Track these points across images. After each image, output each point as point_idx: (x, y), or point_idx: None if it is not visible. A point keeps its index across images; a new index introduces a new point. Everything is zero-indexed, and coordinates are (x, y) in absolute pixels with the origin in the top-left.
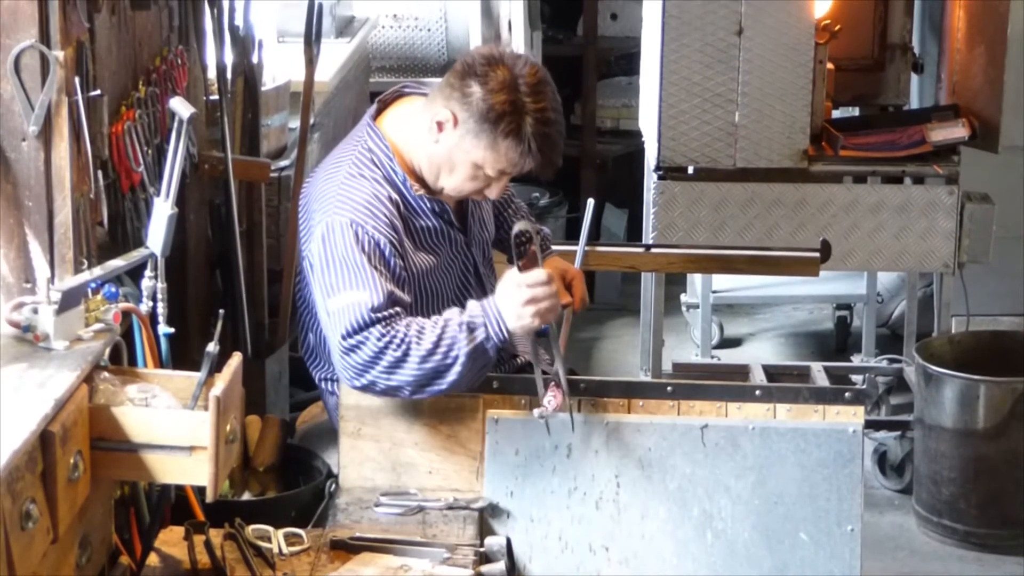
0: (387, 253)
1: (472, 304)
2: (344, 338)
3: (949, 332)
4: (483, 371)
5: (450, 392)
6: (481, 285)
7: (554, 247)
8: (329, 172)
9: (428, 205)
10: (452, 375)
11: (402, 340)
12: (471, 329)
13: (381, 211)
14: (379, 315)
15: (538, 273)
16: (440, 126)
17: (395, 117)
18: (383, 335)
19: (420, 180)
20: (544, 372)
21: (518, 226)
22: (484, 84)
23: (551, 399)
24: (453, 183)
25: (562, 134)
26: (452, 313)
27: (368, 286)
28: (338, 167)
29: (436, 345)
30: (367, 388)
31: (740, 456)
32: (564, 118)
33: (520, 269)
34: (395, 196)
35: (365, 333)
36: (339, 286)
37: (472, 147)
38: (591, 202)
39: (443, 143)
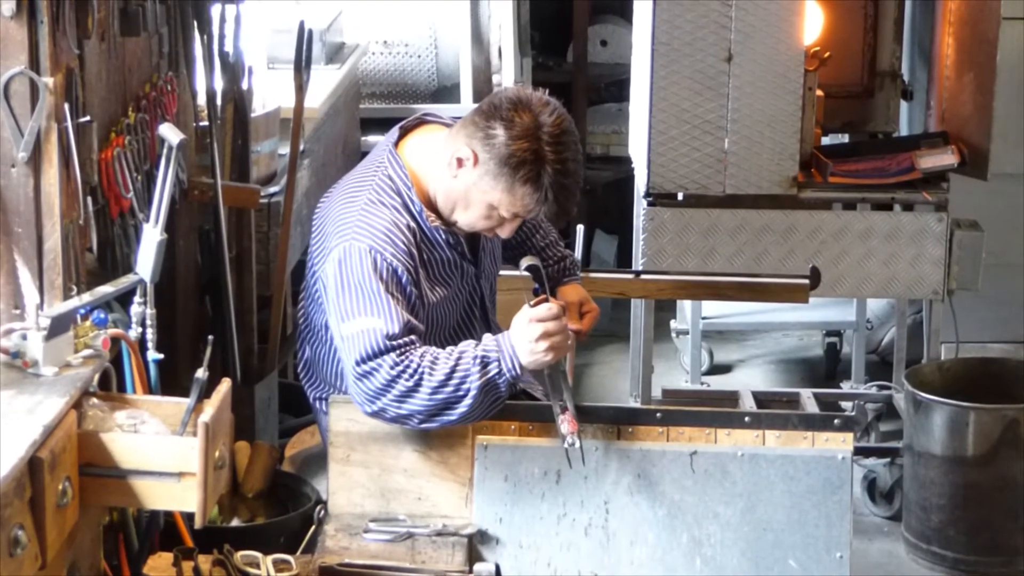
0: (404, 281)
1: (488, 338)
2: (358, 364)
3: (939, 359)
4: (495, 405)
5: (461, 424)
6: (485, 318)
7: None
8: (349, 196)
9: (443, 236)
10: (463, 407)
11: (416, 370)
12: (484, 363)
13: (400, 239)
14: (394, 343)
15: (548, 307)
16: (460, 162)
17: (415, 145)
18: (396, 363)
19: (435, 210)
20: (535, 398)
21: (526, 261)
22: (508, 128)
23: (567, 427)
24: (467, 219)
25: (580, 184)
26: (467, 345)
27: (384, 313)
28: (359, 192)
29: (449, 377)
30: (378, 414)
31: (729, 483)
32: (583, 168)
33: (532, 305)
34: (412, 225)
35: (379, 360)
36: (355, 311)
37: (490, 188)
38: (581, 228)
39: (461, 179)
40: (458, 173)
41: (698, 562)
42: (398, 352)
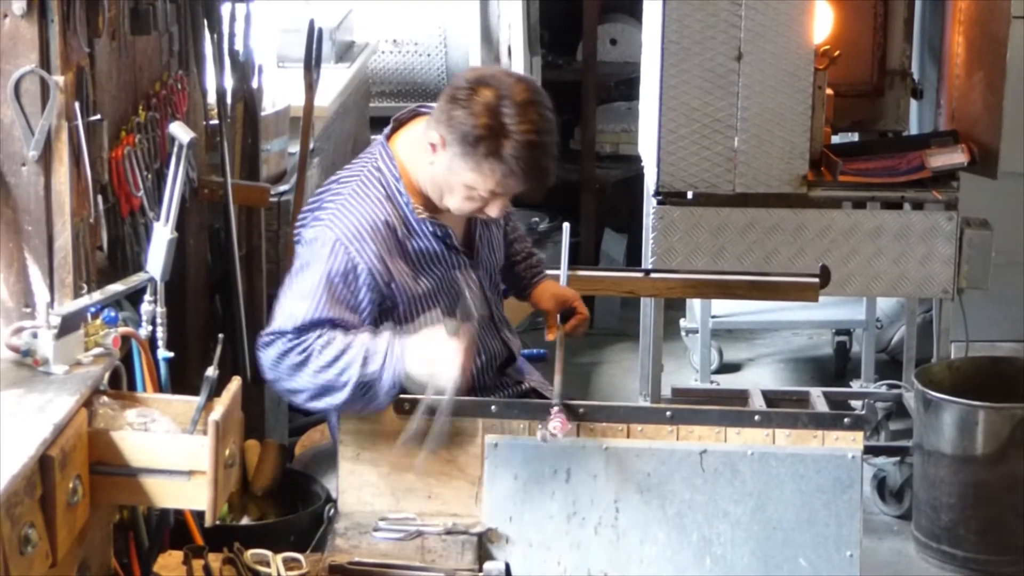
0: (361, 280)
1: (381, 338)
2: (266, 333)
3: (948, 358)
4: (380, 399)
5: (350, 411)
6: (487, 308)
7: (549, 271)
8: (340, 185)
9: (430, 228)
10: (341, 397)
11: (306, 348)
12: (366, 358)
13: (372, 237)
14: (301, 329)
15: (465, 335)
16: (433, 148)
17: (407, 138)
18: (292, 339)
19: (427, 200)
20: (545, 397)
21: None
22: (467, 107)
23: (556, 424)
24: (454, 203)
25: (550, 155)
26: (363, 336)
27: (312, 303)
28: (348, 183)
29: (334, 361)
30: (274, 383)
31: (739, 481)
32: (558, 138)
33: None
34: (394, 219)
35: (281, 334)
36: (296, 291)
37: (461, 169)
38: (567, 226)
39: (437, 164)
40: (433, 159)
41: (708, 561)
42: (300, 332)
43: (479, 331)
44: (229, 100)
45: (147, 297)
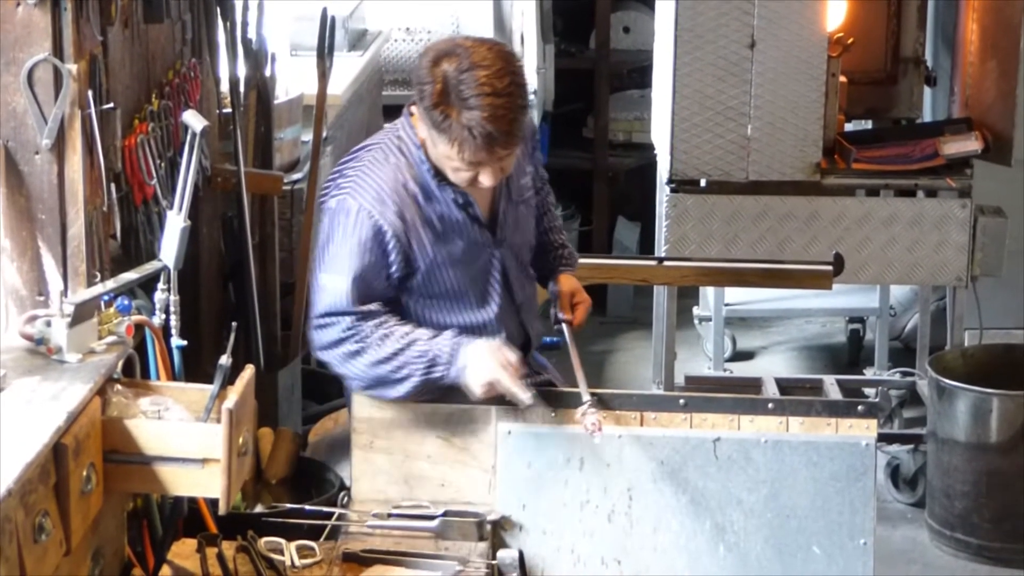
0: (389, 244)
1: (443, 343)
2: (320, 315)
3: (962, 345)
4: (435, 393)
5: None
6: (509, 290)
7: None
8: (362, 153)
9: (450, 195)
10: (398, 392)
11: (364, 338)
12: (431, 364)
13: (393, 199)
14: (354, 308)
15: (515, 361)
16: (421, 122)
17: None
18: (350, 327)
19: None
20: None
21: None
22: (427, 80)
23: (594, 421)
24: (451, 175)
25: (507, 118)
26: (420, 334)
27: (352, 276)
28: (369, 151)
29: (390, 358)
30: (327, 363)
31: (753, 469)
32: (523, 100)
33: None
34: (415, 185)
35: (337, 319)
36: (331, 265)
37: (436, 140)
38: (567, 328)
39: (428, 139)
40: (423, 135)
41: (721, 549)
42: (356, 317)
43: (501, 310)
44: (242, 88)
45: (160, 285)
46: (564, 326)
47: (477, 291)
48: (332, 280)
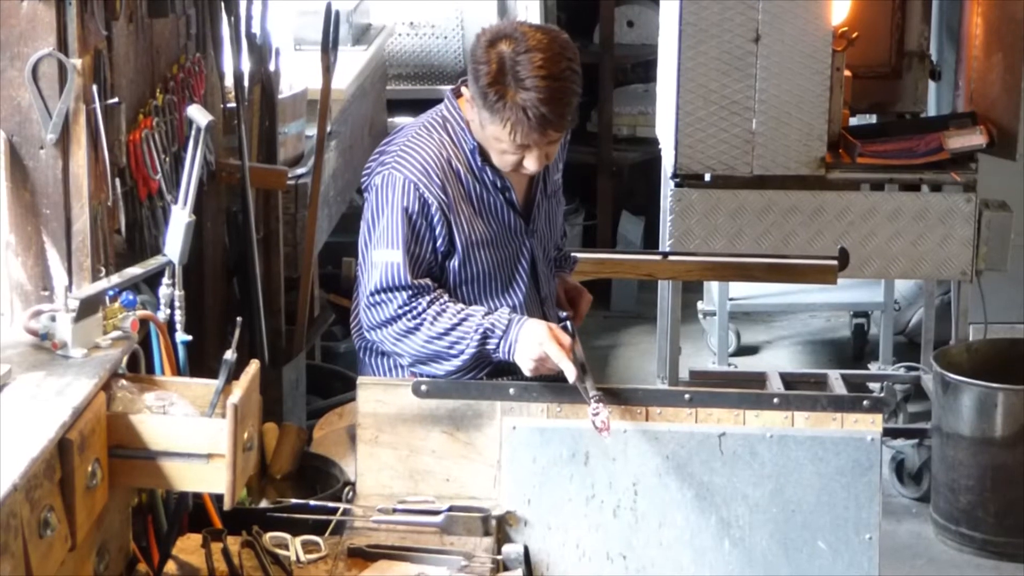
0: (435, 217)
1: (501, 316)
2: (373, 293)
3: (967, 340)
4: (483, 368)
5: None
6: (535, 280)
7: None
8: (404, 130)
9: (491, 177)
10: (452, 365)
11: (420, 314)
12: (486, 336)
13: (437, 173)
14: (410, 282)
15: (567, 341)
16: (471, 104)
17: (466, 96)
18: (406, 303)
19: (486, 155)
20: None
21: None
22: (483, 60)
23: (605, 417)
24: (495, 158)
25: (563, 101)
26: (476, 311)
27: (405, 250)
28: (412, 127)
29: (447, 332)
30: (379, 341)
31: (758, 464)
32: (578, 87)
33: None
34: (457, 161)
35: (392, 295)
36: (381, 240)
37: (486, 121)
38: (571, 325)
39: (475, 120)
40: (473, 116)
41: (727, 543)
42: (411, 292)
43: (526, 300)
44: (246, 83)
45: (165, 280)
46: (568, 323)
47: (506, 277)
48: (384, 255)
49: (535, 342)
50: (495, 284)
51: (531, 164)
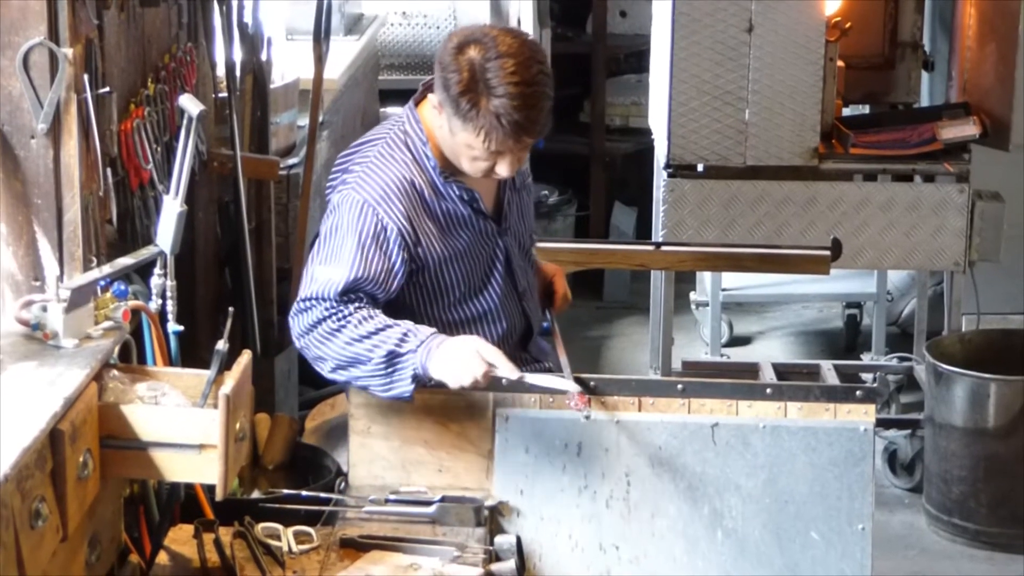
0: (392, 239)
1: (425, 328)
2: (302, 300)
3: (959, 330)
4: (398, 384)
5: (364, 388)
6: (512, 276)
7: (555, 244)
8: (367, 147)
9: (456, 191)
10: (365, 369)
11: (344, 316)
12: (404, 337)
13: (400, 197)
14: (338, 299)
15: (500, 362)
16: (439, 111)
17: (431, 103)
18: (331, 307)
19: (452, 165)
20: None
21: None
22: (453, 66)
23: (576, 401)
24: (465, 165)
25: (536, 106)
26: (404, 322)
27: (349, 272)
28: (374, 145)
29: (368, 336)
30: (303, 350)
31: (751, 454)
32: (550, 90)
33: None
34: (421, 181)
35: (318, 303)
36: (329, 258)
37: (457, 128)
38: (554, 322)
39: (443, 127)
40: (440, 122)
41: (719, 534)
42: (338, 300)
43: (503, 298)
44: (238, 73)
45: (157, 270)
46: (547, 312)
47: (481, 281)
48: (327, 272)
49: (471, 348)
50: (472, 290)
51: (503, 170)
